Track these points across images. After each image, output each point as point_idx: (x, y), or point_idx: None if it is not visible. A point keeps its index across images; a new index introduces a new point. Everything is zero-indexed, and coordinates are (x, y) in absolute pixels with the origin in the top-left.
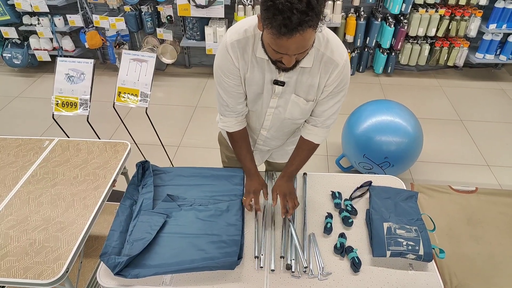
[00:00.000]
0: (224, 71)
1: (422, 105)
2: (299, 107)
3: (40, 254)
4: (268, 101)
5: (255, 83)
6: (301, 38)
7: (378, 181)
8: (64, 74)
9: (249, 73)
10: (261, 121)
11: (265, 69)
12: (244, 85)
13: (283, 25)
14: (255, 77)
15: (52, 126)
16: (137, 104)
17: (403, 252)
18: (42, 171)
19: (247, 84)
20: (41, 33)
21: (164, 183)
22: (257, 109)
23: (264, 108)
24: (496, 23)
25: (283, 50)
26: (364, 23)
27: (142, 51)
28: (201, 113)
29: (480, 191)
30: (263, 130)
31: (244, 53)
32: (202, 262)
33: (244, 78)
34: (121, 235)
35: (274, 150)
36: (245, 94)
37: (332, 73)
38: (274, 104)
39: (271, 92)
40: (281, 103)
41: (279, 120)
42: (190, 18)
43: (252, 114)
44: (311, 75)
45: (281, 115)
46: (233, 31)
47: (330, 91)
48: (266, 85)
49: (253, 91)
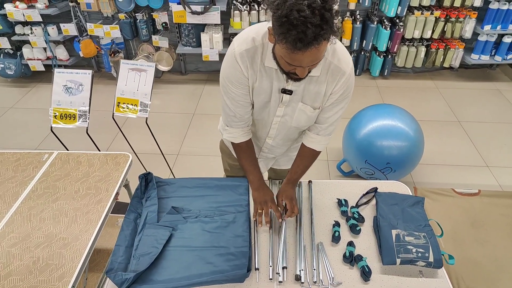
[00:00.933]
0: (233, 81)
1: (419, 107)
2: (306, 115)
3: (44, 272)
4: (274, 110)
5: (264, 92)
6: (316, 51)
7: (383, 187)
8: (61, 86)
9: (258, 82)
10: (267, 130)
11: (273, 78)
12: (251, 95)
13: (298, 40)
14: (264, 86)
15: (48, 137)
16: (137, 115)
17: (413, 260)
18: (42, 186)
19: (256, 94)
20: (34, 43)
21: (168, 195)
22: (263, 117)
23: (270, 117)
24: (490, 24)
25: (297, 63)
26: (360, 27)
27: (137, 58)
28: (199, 120)
29: (483, 193)
30: (268, 139)
31: (253, 63)
32: (211, 275)
33: (252, 87)
34: (126, 250)
35: (279, 157)
36: (252, 103)
37: (339, 81)
38: (280, 113)
39: (279, 101)
40: (288, 111)
41: (285, 128)
42: (185, 25)
43: (258, 122)
44: (318, 83)
45: (287, 123)
46: (241, 41)
47: (336, 99)
48: (274, 94)
49: (261, 100)
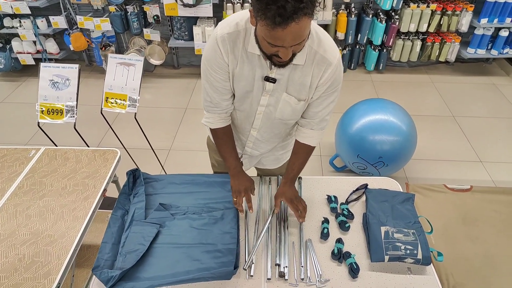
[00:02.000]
0: (212, 65)
1: (414, 102)
2: (290, 107)
3: (30, 270)
4: (258, 99)
5: (244, 79)
6: (297, 27)
7: (374, 183)
8: (48, 80)
9: (238, 68)
10: (251, 121)
11: (256, 64)
12: (232, 82)
13: (277, 15)
14: (245, 72)
15: (38, 133)
16: (126, 110)
17: (401, 257)
18: (29, 182)
19: (236, 80)
20: (23, 36)
21: (156, 192)
22: (245, 108)
23: (254, 106)
24: (487, 17)
25: (279, 42)
26: (355, 20)
27: (129, 52)
28: (192, 115)
29: (475, 189)
30: (253, 130)
31: (235, 47)
32: (197, 273)
33: (232, 74)
34: (113, 247)
35: (263, 156)
36: (232, 91)
37: (325, 72)
38: (265, 102)
39: (262, 89)
40: (272, 101)
41: (270, 120)
42: (177, 18)
43: (241, 114)
44: (303, 73)
45: (271, 114)
46: (224, 24)
47: (323, 91)
48: (257, 82)
49: (242, 88)
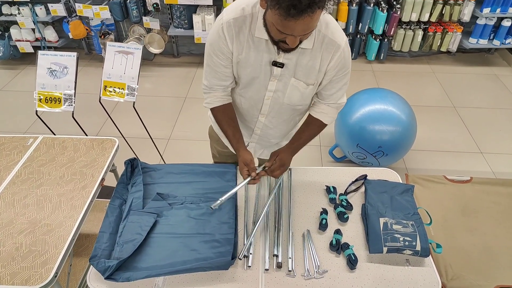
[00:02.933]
0: (215, 49)
1: (415, 92)
2: (298, 92)
3: (27, 259)
4: (266, 84)
5: (250, 65)
6: (309, 19)
7: (373, 174)
8: (46, 69)
9: (244, 54)
10: (258, 107)
11: (263, 49)
12: (237, 69)
13: (292, 6)
14: (251, 58)
15: (37, 121)
16: (124, 99)
17: (400, 248)
18: (26, 171)
19: (242, 67)
20: (22, 24)
21: (154, 181)
22: (252, 95)
23: (261, 92)
24: (490, 7)
25: (289, 31)
26: (356, 9)
27: (128, 40)
28: (191, 104)
29: (475, 180)
30: (261, 116)
31: (240, 33)
32: (195, 263)
33: (237, 60)
34: (111, 237)
35: (268, 147)
36: (237, 78)
37: (334, 55)
38: (273, 87)
39: (270, 75)
40: (280, 87)
41: (278, 105)
42: (177, 6)
43: (247, 101)
44: (312, 57)
45: (279, 99)
46: (230, 10)
47: (334, 75)
48: (264, 67)
49: (248, 74)
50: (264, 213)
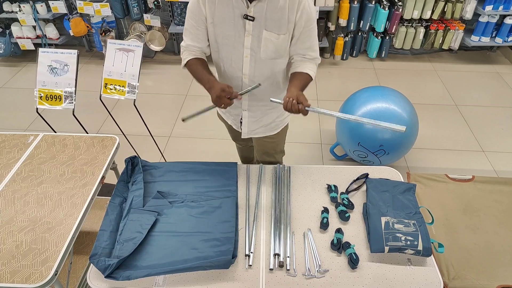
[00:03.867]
0: (191, 13)
1: (416, 90)
2: (272, 44)
3: (27, 257)
4: (242, 41)
5: (224, 22)
6: None
7: (374, 173)
8: (46, 66)
9: (217, 12)
10: (240, 66)
11: (234, 5)
12: (214, 30)
13: None
14: (224, 15)
15: (38, 119)
16: (125, 96)
17: (401, 248)
18: (27, 169)
19: (217, 25)
20: (23, 21)
21: (155, 179)
22: (231, 57)
23: (239, 50)
24: (492, 4)
25: None
26: (357, 6)
27: (129, 38)
28: (192, 102)
29: (477, 179)
30: (244, 77)
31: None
32: (195, 261)
33: (212, 20)
34: (111, 235)
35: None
36: (207, 41)
37: (299, 5)
38: (248, 43)
39: (243, 30)
40: (255, 42)
41: (257, 62)
42: (178, 3)
43: (228, 62)
44: (279, 7)
45: (257, 55)
46: None
47: (303, 26)
48: (237, 22)
49: (224, 32)
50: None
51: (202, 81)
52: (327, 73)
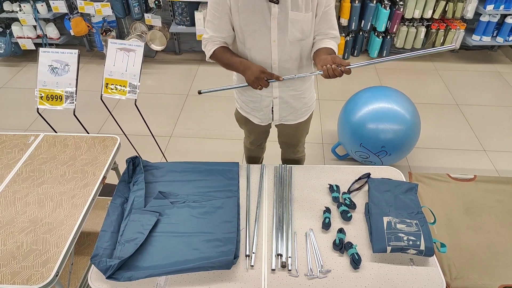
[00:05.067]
0: (214, 4)
1: (417, 90)
2: (298, 24)
3: (28, 258)
4: (269, 25)
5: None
6: None
7: (376, 172)
8: (47, 66)
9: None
10: (268, 54)
11: None
12: (239, 19)
13: None
14: (247, 1)
15: (38, 119)
16: (126, 96)
17: (403, 248)
18: (27, 169)
19: (242, 13)
20: (23, 21)
21: (156, 180)
22: (259, 44)
23: (266, 36)
24: (493, 3)
25: None
26: (359, 6)
27: (130, 37)
28: (193, 101)
29: (479, 179)
30: (273, 64)
31: None
32: (197, 262)
33: (237, 8)
34: (112, 236)
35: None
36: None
37: None
38: (275, 28)
39: (269, 14)
40: (281, 25)
41: (284, 45)
42: (179, 3)
43: (258, 51)
44: None
45: (284, 38)
46: None
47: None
48: (262, 7)
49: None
50: (266, 212)
51: (234, 64)
52: None
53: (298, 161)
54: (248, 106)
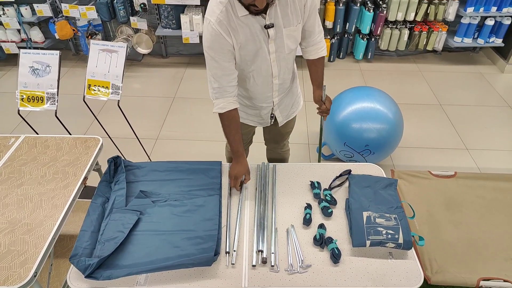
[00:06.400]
0: (216, 50)
1: (402, 91)
2: (293, 37)
3: (6, 259)
4: (267, 49)
5: (250, 41)
6: None
7: (357, 169)
8: (28, 67)
9: (241, 35)
10: (270, 72)
11: (253, 22)
12: (241, 53)
13: None
14: (247, 35)
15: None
16: (109, 97)
17: (382, 241)
18: (7, 171)
19: (244, 47)
20: (7, 24)
21: (138, 179)
22: (261, 66)
23: (266, 57)
24: (473, 6)
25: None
26: (343, 9)
27: (116, 41)
28: (180, 104)
29: (459, 175)
30: (274, 79)
31: (230, 22)
32: (177, 259)
33: (239, 45)
34: (92, 235)
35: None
36: (239, 62)
37: None
38: (273, 48)
39: (267, 38)
40: (278, 43)
41: (282, 60)
42: (165, 6)
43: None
44: (288, 4)
45: (282, 54)
46: (212, 9)
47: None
48: (259, 35)
49: (251, 49)
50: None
51: (231, 144)
52: None
53: (284, 158)
54: (245, 113)
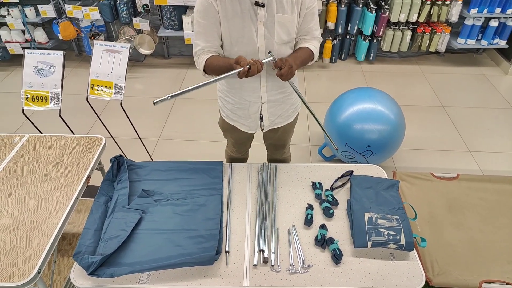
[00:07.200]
0: (203, 14)
1: (404, 92)
2: (285, 26)
3: (10, 256)
4: (255, 30)
5: (237, 14)
6: None
7: (359, 170)
8: (32, 67)
9: (229, 6)
10: (256, 56)
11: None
12: (227, 25)
13: None
14: (236, 4)
15: (26, 123)
16: (112, 97)
17: (384, 242)
18: (12, 169)
19: (231, 21)
20: (11, 25)
21: (140, 178)
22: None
23: (253, 40)
24: (477, 7)
25: None
26: (345, 10)
27: (118, 41)
28: (181, 105)
29: (462, 177)
30: None
31: None
32: (179, 258)
33: (225, 14)
34: (95, 233)
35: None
36: (221, 37)
37: None
38: (262, 32)
39: (256, 17)
40: (268, 29)
41: (272, 49)
42: (167, 7)
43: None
44: None
45: (271, 41)
46: None
47: (307, 6)
48: (249, 11)
49: (237, 24)
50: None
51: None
52: (316, 76)
53: (285, 161)
54: (235, 114)
